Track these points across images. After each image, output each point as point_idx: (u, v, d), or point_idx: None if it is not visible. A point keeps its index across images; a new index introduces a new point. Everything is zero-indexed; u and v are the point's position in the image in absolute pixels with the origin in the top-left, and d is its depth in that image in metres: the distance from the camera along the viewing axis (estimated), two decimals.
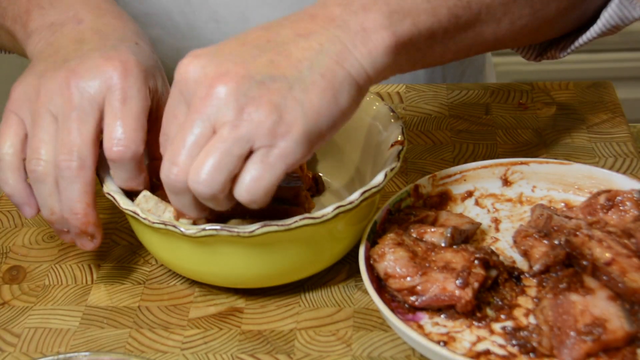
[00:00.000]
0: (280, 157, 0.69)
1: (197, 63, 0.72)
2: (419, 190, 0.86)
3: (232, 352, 0.77)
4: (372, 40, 0.73)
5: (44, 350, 0.79)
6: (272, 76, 0.70)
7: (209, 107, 0.70)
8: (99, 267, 0.87)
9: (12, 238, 0.92)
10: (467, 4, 0.78)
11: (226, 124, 0.69)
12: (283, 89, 0.70)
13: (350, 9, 0.74)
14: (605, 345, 0.69)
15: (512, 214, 0.86)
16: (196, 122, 0.70)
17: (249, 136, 0.69)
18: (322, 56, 0.72)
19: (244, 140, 0.69)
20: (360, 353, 0.76)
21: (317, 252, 0.79)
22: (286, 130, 0.69)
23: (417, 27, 0.75)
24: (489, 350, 0.73)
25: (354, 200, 0.76)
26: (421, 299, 0.75)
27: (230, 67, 0.70)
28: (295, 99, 0.70)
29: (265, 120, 0.69)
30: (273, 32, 0.73)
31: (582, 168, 0.87)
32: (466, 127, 1.03)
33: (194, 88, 0.71)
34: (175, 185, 0.71)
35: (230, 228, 0.74)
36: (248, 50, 0.72)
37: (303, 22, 0.74)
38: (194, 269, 0.80)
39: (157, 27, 1.16)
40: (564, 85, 1.09)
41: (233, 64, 0.71)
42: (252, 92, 0.69)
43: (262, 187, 0.70)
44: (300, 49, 0.72)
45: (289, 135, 0.69)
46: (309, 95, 0.70)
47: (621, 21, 0.87)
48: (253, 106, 0.69)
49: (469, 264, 0.75)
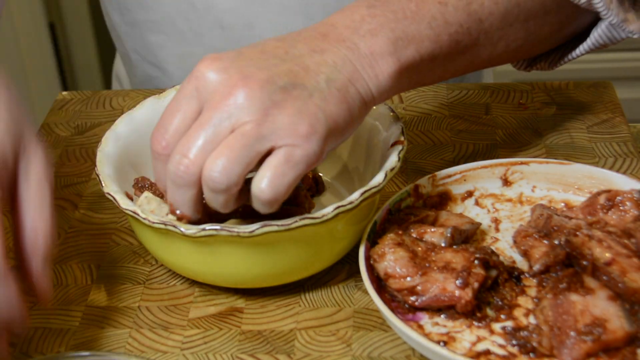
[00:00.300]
0: (304, 157, 0.71)
1: (219, 64, 0.73)
2: (419, 190, 0.86)
3: (232, 352, 0.77)
4: (379, 65, 0.77)
5: (44, 350, 0.79)
6: (293, 83, 0.72)
7: (230, 106, 0.71)
8: (99, 267, 0.87)
9: (13, 238, 0.91)
10: (467, 30, 0.81)
11: (249, 122, 0.70)
12: (304, 96, 0.72)
13: (359, 33, 0.77)
14: (605, 345, 0.69)
15: (512, 214, 0.86)
16: (214, 119, 0.71)
17: (271, 135, 0.71)
18: (336, 72, 0.75)
19: (266, 138, 0.71)
20: (360, 353, 0.76)
21: (317, 252, 0.79)
22: (310, 132, 0.71)
23: (420, 52, 0.79)
24: (489, 350, 0.73)
25: (354, 200, 0.76)
26: (421, 299, 0.75)
27: (254, 71, 0.72)
28: (316, 105, 0.72)
29: (289, 121, 0.71)
30: (289, 44, 0.76)
31: (582, 168, 0.87)
32: (466, 127, 1.03)
33: (215, 86, 0.72)
34: (183, 177, 0.72)
35: (230, 228, 0.74)
36: (268, 58, 0.74)
37: (316, 40, 0.76)
38: (194, 269, 0.80)
39: (160, 33, 1.16)
40: (564, 85, 1.09)
41: (256, 69, 0.72)
42: (275, 96, 0.71)
43: (285, 183, 0.71)
44: (315, 63, 0.74)
45: (313, 136, 0.71)
46: (328, 104, 0.73)
47: (609, 41, 0.90)
48: (277, 109, 0.71)
49: (469, 264, 0.75)
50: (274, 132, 0.71)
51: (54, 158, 1.03)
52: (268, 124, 0.71)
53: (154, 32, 1.16)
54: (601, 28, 0.89)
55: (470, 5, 0.81)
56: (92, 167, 1.01)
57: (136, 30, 1.18)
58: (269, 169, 0.71)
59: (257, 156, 0.71)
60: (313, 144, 0.72)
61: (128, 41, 1.21)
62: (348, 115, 0.74)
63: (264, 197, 0.71)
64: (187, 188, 0.72)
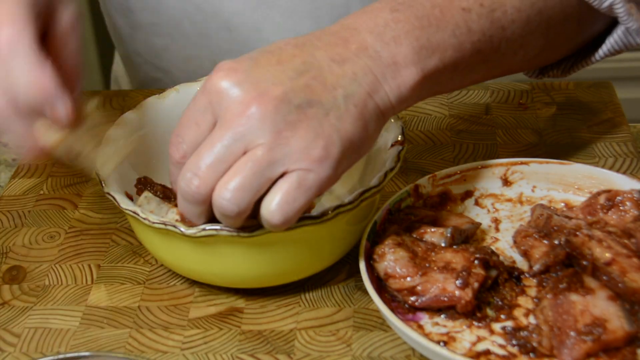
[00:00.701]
0: (317, 181, 0.70)
1: (233, 77, 0.71)
2: (419, 190, 0.86)
3: (232, 352, 0.77)
4: (402, 75, 0.75)
5: (44, 350, 0.79)
6: (309, 101, 0.70)
7: (243, 126, 0.69)
8: (99, 267, 0.87)
9: (12, 238, 0.91)
10: (490, 39, 0.80)
11: (261, 145, 0.69)
12: (319, 115, 0.70)
13: (383, 39, 0.75)
14: (605, 345, 0.69)
15: (512, 214, 0.86)
16: (227, 139, 0.69)
17: (284, 160, 0.69)
18: (355, 85, 0.72)
19: (279, 163, 0.69)
20: (360, 353, 0.76)
21: (317, 252, 0.79)
22: (324, 156, 0.70)
23: (443, 62, 0.77)
24: (489, 350, 0.73)
25: (354, 201, 0.76)
26: (421, 299, 0.75)
27: (269, 87, 0.70)
28: (332, 125, 0.70)
29: (303, 145, 0.69)
30: (307, 53, 0.73)
31: (582, 168, 0.87)
32: (466, 127, 1.03)
33: (228, 103, 0.70)
34: (193, 196, 0.71)
35: (231, 228, 0.74)
36: (285, 70, 0.72)
37: (337, 47, 0.74)
38: (194, 269, 0.80)
39: (165, 36, 1.15)
40: (564, 85, 1.09)
41: (271, 84, 0.70)
42: (290, 117, 0.70)
43: (295, 209, 0.70)
44: (334, 75, 0.72)
45: (327, 160, 0.70)
46: (344, 123, 0.71)
47: (625, 47, 0.89)
48: (290, 131, 0.69)
49: (469, 264, 0.75)
50: (286, 156, 0.69)
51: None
52: (281, 147, 0.69)
53: (159, 34, 1.16)
54: (617, 34, 0.88)
55: (494, 12, 0.80)
56: None
57: (140, 32, 1.18)
58: (279, 193, 0.70)
59: (268, 182, 0.70)
60: (326, 168, 0.70)
61: (131, 43, 1.21)
62: (364, 133, 0.73)
63: (273, 221, 0.70)
64: (197, 205, 0.72)
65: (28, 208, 0.95)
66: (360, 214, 0.79)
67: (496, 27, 0.80)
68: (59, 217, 0.94)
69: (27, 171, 1.01)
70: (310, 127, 0.70)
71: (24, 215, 0.94)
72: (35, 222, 0.93)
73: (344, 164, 0.72)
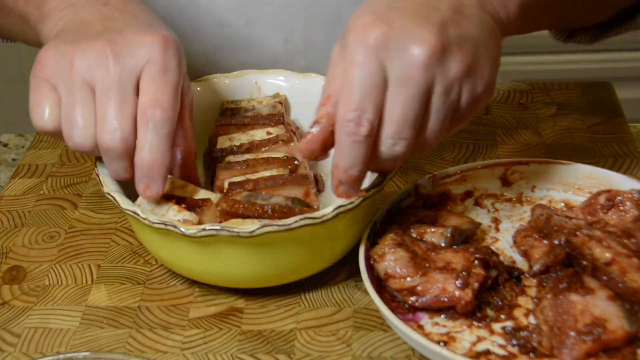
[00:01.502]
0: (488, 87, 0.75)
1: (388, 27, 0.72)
2: (419, 190, 0.86)
3: (232, 352, 0.77)
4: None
5: (44, 350, 0.79)
6: (462, 36, 0.73)
7: (428, 73, 0.72)
8: (99, 267, 0.87)
9: (12, 238, 0.91)
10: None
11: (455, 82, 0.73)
12: (474, 49, 0.74)
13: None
14: (605, 345, 0.69)
15: (512, 214, 0.86)
16: (416, 95, 0.72)
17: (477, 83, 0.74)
18: (482, 11, 0.76)
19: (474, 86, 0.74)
20: (360, 353, 0.76)
21: (317, 252, 0.79)
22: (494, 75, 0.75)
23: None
24: (489, 350, 0.73)
25: (354, 201, 0.76)
26: (421, 299, 0.75)
27: (428, 29, 0.72)
28: (484, 56, 0.74)
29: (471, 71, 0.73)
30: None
31: (582, 168, 0.87)
32: (466, 127, 1.03)
33: (402, 56, 0.72)
34: (402, 158, 0.74)
35: (230, 228, 0.74)
36: (428, 10, 0.73)
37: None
38: (194, 269, 0.80)
39: None
40: (564, 85, 1.09)
41: (429, 26, 0.72)
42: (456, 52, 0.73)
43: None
44: (466, 6, 0.75)
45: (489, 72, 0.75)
46: (490, 50, 0.75)
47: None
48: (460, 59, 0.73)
49: (469, 264, 0.75)
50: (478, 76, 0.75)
51: (55, 157, 1.03)
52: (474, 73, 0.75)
53: None
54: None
55: None
56: (92, 167, 1.01)
57: None
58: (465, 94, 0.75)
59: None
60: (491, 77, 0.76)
61: None
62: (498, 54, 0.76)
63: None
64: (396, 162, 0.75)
65: (28, 208, 0.95)
66: (360, 214, 0.79)
67: None
68: (59, 217, 0.94)
69: (27, 171, 1.01)
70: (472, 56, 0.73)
71: (24, 215, 0.94)
72: (35, 222, 0.93)
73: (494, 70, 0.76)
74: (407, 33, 0.72)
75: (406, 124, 0.72)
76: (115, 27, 0.80)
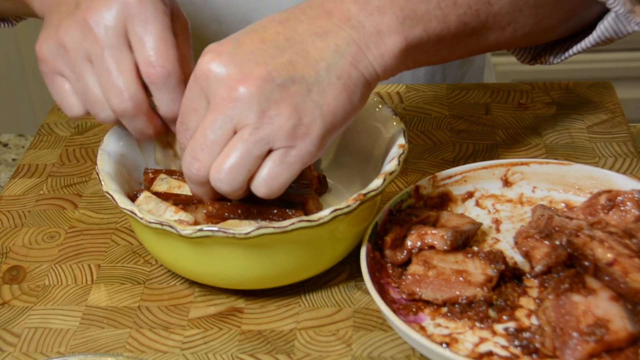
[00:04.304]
0: (299, 157, 0.73)
1: (218, 61, 0.74)
2: (419, 192, 0.86)
3: (232, 352, 0.77)
4: (385, 44, 0.76)
5: (44, 350, 0.78)
6: (292, 78, 0.73)
7: (230, 108, 0.73)
8: (99, 267, 0.87)
9: (12, 238, 0.91)
10: (476, 13, 0.81)
11: (247, 125, 0.73)
12: (302, 92, 0.73)
13: (366, 9, 0.76)
14: (608, 346, 0.69)
15: (512, 214, 0.86)
16: (218, 122, 0.73)
17: (269, 138, 0.73)
18: (338, 57, 0.74)
19: (264, 142, 0.73)
20: (360, 353, 0.76)
21: (317, 254, 0.79)
22: (305, 133, 0.73)
23: (427, 32, 0.78)
24: (491, 351, 0.72)
25: (352, 204, 0.75)
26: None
27: (253, 67, 0.73)
28: (314, 102, 0.73)
29: (286, 123, 0.72)
30: (290, 28, 0.75)
31: (582, 168, 0.87)
32: (466, 127, 1.03)
33: (216, 87, 0.73)
34: (196, 179, 0.76)
35: (226, 229, 0.74)
36: (268, 49, 0.74)
37: (320, 19, 0.76)
38: (192, 270, 0.80)
39: None
40: (564, 85, 1.09)
41: (255, 64, 0.73)
42: (274, 96, 0.72)
43: (279, 183, 0.74)
44: (317, 49, 0.74)
45: (308, 137, 0.73)
46: (326, 97, 0.74)
47: (615, 34, 0.90)
48: (274, 110, 0.72)
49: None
50: (271, 134, 0.73)
51: (55, 157, 1.03)
52: (266, 126, 0.72)
53: None
54: (607, 21, 0.88)
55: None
56: (92, 167, 1.01)
57: None
58: (265, 169, 0.74)
59: (257, 160, 0.73)
60: (308, 144, 0.73)
61: None
62: (348, 105, 0.75)
63: (261, 194, 0.75)
64: (200, 185, 0.76)
65: (28, 208, 0.95)
66: (360, 216, 0.79)
67: (482, 2, 0.81)
68: (59, 217, 0.94)
69: (27, 171, 1.01)
70: (292, 104, 0.73)
71: (24, 215, 0.94)
72: (35, 222, 0.93)
73: (328, 137, 0.75)
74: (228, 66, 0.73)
75: (202, 145, 0.74)
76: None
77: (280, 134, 0.72)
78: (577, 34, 0.93)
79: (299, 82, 0.73)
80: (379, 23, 0.76)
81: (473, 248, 0.80)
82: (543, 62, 0.95)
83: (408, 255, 0.79)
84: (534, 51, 0.95)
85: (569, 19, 0.89)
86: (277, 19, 0.77)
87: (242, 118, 0.73)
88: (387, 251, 0.80)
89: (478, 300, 0.75)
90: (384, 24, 0.76)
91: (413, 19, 0.77)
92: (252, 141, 0.73)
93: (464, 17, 0.80)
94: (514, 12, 0.84)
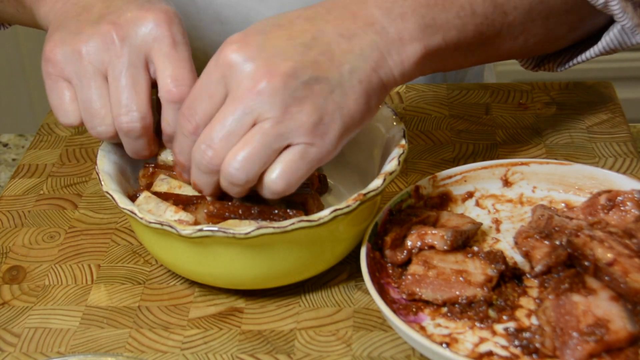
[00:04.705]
0: (318, 154, 0.74)
1: (245, 52, 0.74)
2: (419, 192, 0.86)
3: (232, 352, 0.77)
4: (406, 51, 0.77)
5: (44, 350, 0.78)
6: (316, 77, 0.73)
7: (253, 100, 0.73)
8: (99, 267, 0.87)
9: (12, 238, 0.91)
10: (492, 22, 0.83)
11: (269, 119, 0.73)
12: (325, 92, 0.74)
13: (390, 16, 0.77)
14: (608, 346, 0.69)
15: (512, 214, 0.86)
16: (238, 112, 0.73)
17: (289, 133, 0.73)
18: (361, 61, 0.75)
19: (284, 136, 0.73)
20: (360, 353, 0.76)
21: (317, 255, 0.79)
22: (324, 132, 0.73)
23: (446, 41, 0.80)
24: (491, 351, 0.72)
25: (351, 204, 0.75)
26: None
27: (279, 63, 0.73)
28: (335, 103, 0.74)
29: (307, 121, 0.73)
30: (317, 27, 0.76)
31: (582, 168, 0.87)
32: (466, 127, 1.03)
33: (240, 78, 0.73)
34: (207, 166, 0.75)
35: (226, 229, 0.74)
36: (295, 46, 0.75)
37: (346, 21, 0.77)
38: (191, 270, 0.80)
39: None
40: (564, 85, 1.09)
41: (282, 60, 0.73)
42: (298, 93, 0.73)
43: (297, 177, 0.74)
44: (342, 51, 0.75)
45: (327, 136, 0.74)
46: (347, 100, 0.74)
47: (620, 46, 0.91)
48: (297, 106, 0.73)
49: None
50: (292, 130, 0.73)
51: (55, 157, 1.03)
52: (287, 121, 0.73)
53: None
54: (613, 32, 0.90)
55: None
56: (92, 167, 1.01)
57: None
58: (282, 163, 0.74)
59: (274, 154, 0.74)
60: (327, 143, 0.74)
61: None
62: (366, 108, 0.76)
63: (275, 188, 0.74)
64: (210, 175, 0.76)
65: (28, 208, 0.95)
66: (359, 216, 0.79)
67: (499, 12, 0.83)
68: (59, 217, 0.94)
69: (27, 171, 1.01)
70: (315, 103, 0.73)
71: (24, 215, 0.94)
72: (35, 222, 0.93)
73: (344, 138, 0.76)
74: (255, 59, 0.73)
75: (220, 133, 0.73)
76: (115, 7, 0.81)
77: (301, 131, 0.73)
78: (580, 42, 0.94)
79: (323, 81, 0.74)
80: (402, 30, 0.77)
81: (473, 248, 0.80)
82: (546, 69, 0.96)
83: (408, 255, 0.79)
84: (537, 58, 0.96)
85: (575, 29, 0.91)
86: (304, 16, 0.77)
87: (264, 112, 0.73)
88: (387, 251, 0.80)
89: (478, 300, 0.75)
90: (406, 31, 0.77)
91: (433, 28, 0.78)
92: (273, 134, 0.73)
93: (480, 27, 0.82)
94: (526, 22, 0.85)
